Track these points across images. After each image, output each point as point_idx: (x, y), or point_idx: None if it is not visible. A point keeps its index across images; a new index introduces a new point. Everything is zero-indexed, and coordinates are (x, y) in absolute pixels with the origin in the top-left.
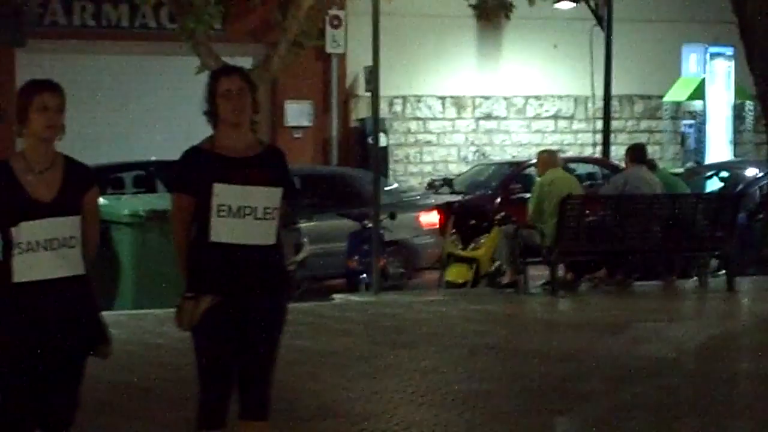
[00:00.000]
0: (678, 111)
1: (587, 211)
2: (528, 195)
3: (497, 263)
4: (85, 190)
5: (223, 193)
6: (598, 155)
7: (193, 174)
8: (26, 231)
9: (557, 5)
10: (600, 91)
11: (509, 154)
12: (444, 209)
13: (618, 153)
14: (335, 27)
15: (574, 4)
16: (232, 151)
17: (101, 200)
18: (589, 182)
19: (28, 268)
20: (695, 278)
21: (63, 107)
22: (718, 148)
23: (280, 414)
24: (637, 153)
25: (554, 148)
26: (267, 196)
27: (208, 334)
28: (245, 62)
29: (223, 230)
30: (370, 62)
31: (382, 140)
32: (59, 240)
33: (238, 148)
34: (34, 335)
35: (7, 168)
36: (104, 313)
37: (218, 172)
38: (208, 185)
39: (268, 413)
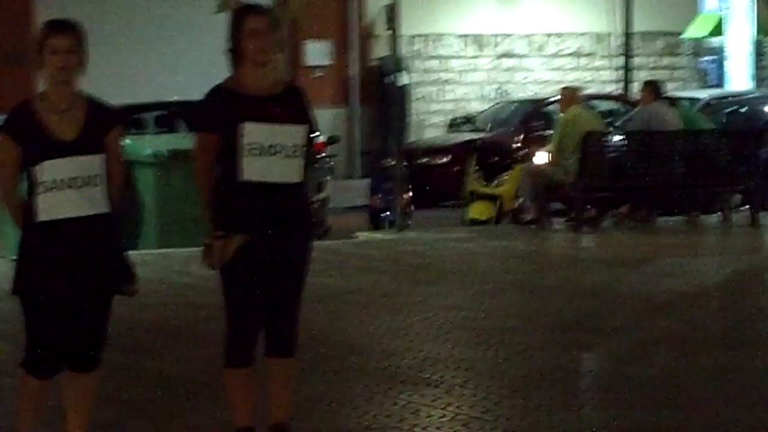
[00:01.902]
0: (698, 47)
1: (609, 148)
2: (550, 132)
3: (520, 200)
4: (108, 129)
5: (253, 132)
6: (619, 92)
7: (217, 113)
8: (49, 170)
9: None
10: (620, 28)
11: (530, 92)
12: (466, 147)
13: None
14: None
15: None
16: (255, 89)
17: (124, 140)
18: (610, 119)
19: (51, 207)
20: (718, 213)
21: (77, 47)
22: (739, 84)
23: (306, 351)
24: (656, 89)
25: (575, 85)
26: (294, 134)
27: (238, 272)
28: (265, 1)
29: (254, 169)
30: (388, 0)
31: (403, 79)
32: (82, 178)
33: (261, 87)
34: (59, 274)
35: (29, 108)
36: (129, 253)
37: (245, 111)
38: (233, 124)
39: (295, 350)
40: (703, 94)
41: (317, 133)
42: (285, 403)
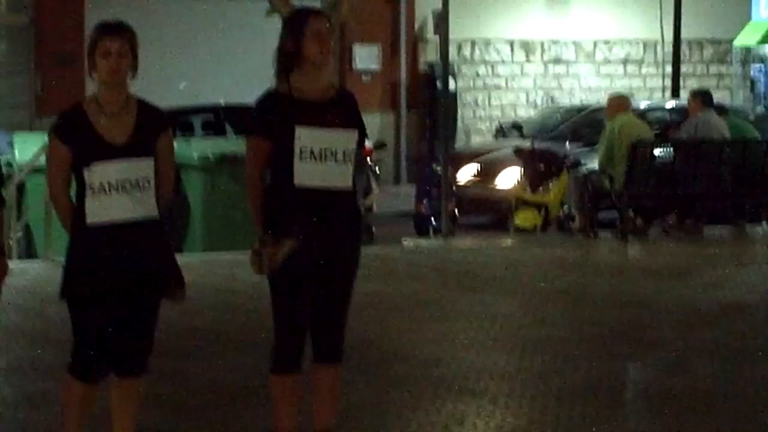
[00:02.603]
0: (748, 56)
1: (657, 156)
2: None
3: (566, 208)
4: (158, 132)
5: (306, 137)
6: (668, 100)
7: (271, 117)
8: (99, 172)
9: None
10: (669, 36)
11: (578, 99)
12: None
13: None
14: None
15: None
16: (309, 94)
17: None
18: (658, 127)
19: (100, 209)
20: (765, 223)
21: (128, 50)
22: None
23: (351, 358)
24: (705, 98)
25: (623, 92)
26: (345, 139)
27: (287, 278)
28: (314, 5)
29: (307, 174)
30: (438, 5)
31: (451, 85)
32: (132, 182)
33: (315, 92)
34: (108, 278)
35: (80, 111)
36: (176, 257)
37: (298, 116)
38: (287, 129)
39: (342, 356)
40: None
41: (367, 139)
42: (331, 410)
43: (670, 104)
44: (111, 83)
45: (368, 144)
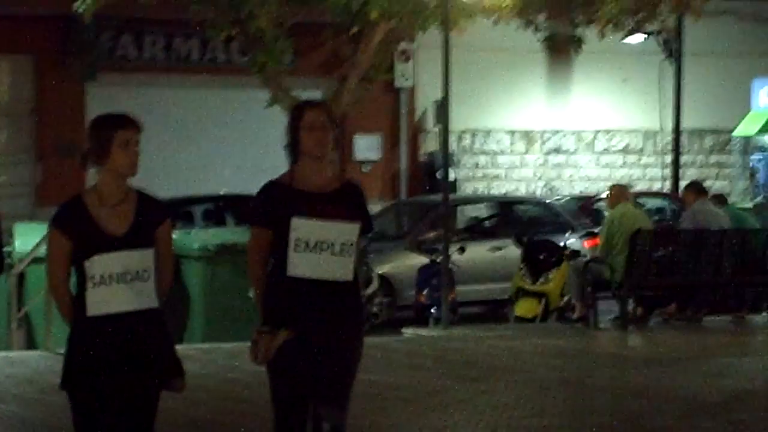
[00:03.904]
0: (748, 145)
1: (657, 246)
2: (597, 229)
3: (567, 297)
4: (157, 223)
5: (302, 228)
6: (667, 190)
7: (271, 208)
8: (99, 264)
9: (627, 39)
10: (669, 125)
11: (578, 189)
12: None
13: None
14: (404, 61)
15: (644, 38)
16: (310, 185)
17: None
18: (657, 217)
19: (101, 301)
20: (766, 313)
21: (138, 142)
22: None
23: None
24: (696, 189)
25: (623, 182)
26: (345, 232)
27: (284, 368)
28: (315, 96)
29: (300, 265)
30: (438, 96)
31: (451, 174)
32: (132, 273)
33: (317, 183)
34: (109, 370)
35: (80, 203)
36: (175, 348)
37: (297, 207)
38: (286, 219)
39: None
40: None
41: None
42: None
43: None
44: (129, 174)
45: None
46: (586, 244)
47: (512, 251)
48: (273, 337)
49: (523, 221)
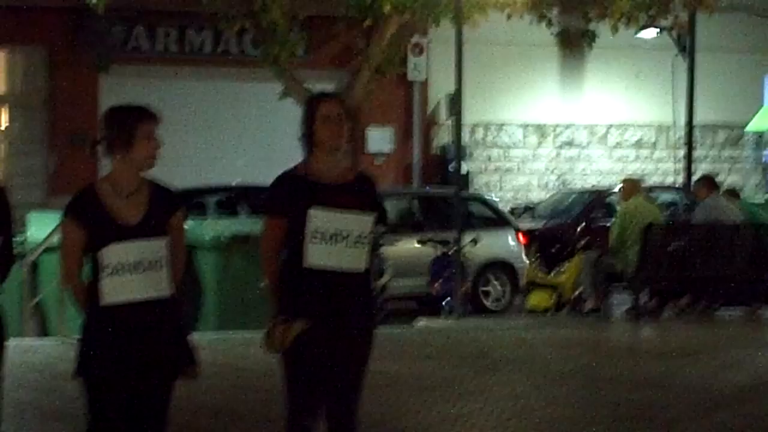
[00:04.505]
0: (760, 140)
1: (670, 239)
2: (610, 222)
3: (580, 289)
4: (171, 213)
5: (319, 218)
6: (679, 184)
7: (286, 199)
8: (113, 253)
9: (640, 34)
10: (682, 120)
11: (590, 182)
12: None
13: None
14: (417, 54)
15: (657, 33)
16: (326, 176)
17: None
18: (670, 210)
19: (115, 290)
20: None
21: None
22: None
23: None
24: (710, 182)
25: (636, 176)
26: (360, 223)
27: (299, 358)
28: (328, 88)
29: (317, 255)
30: (451, 89)
31: (463, 167)
32: (146, 262)
33: (332, 174)
34: (123, 358)
35: (93, 192)
36: (190, 335)
37: (313, 198)
38: (302, 210)
39: None
40: None
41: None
42: None
43: None
44: (148, 167)
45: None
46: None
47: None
48: (288, 327)
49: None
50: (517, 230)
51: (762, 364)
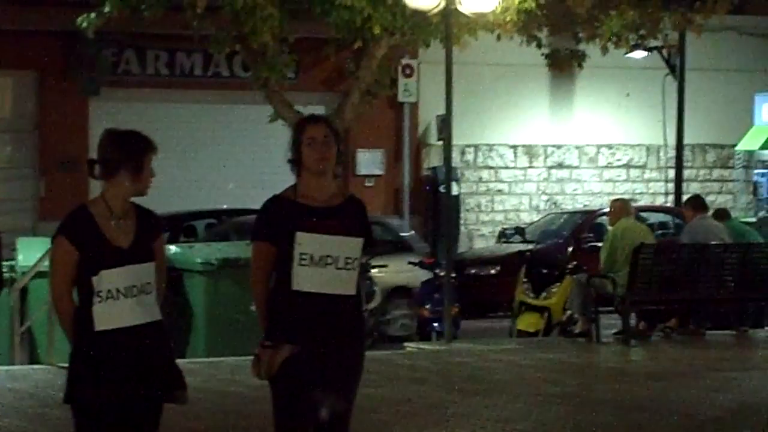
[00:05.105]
0: (750, 160)
1: (660, 261)
2: (600, 244)
3: (569, 312)
4: (156, 236)
5: (306, 242)
6: (669, 204)
7: (274, 223)
8: (107, 279)
9: (630, 54)
10: (672, 140)
11: (581, 203)
12: (515, 258)
13: None
14: (407, 76)
15: (647, 54)
16: (314, 200)
17: (174, 248)
18: (660, 231)
19: (109, 316)
20: None
21: None
22: None
23: None
24: (697, 203)
25: (626, 197)
26: (349, 247)
27: (287, 383)
28: (318, 111)
29: (304, 279)
30: (441, 111)
31: (454, 189)
32: (137, 287)
33: (320, 198)
34: (115, 383)
35: (88, 213)
36: (177, 361)
37: (300, 221)
38: (289, 234)
39: None
40: None
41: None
42: None
43: None
44: (145, 194)
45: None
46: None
47: None
48: (276, 352)
49: None
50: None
51: (751, 385)
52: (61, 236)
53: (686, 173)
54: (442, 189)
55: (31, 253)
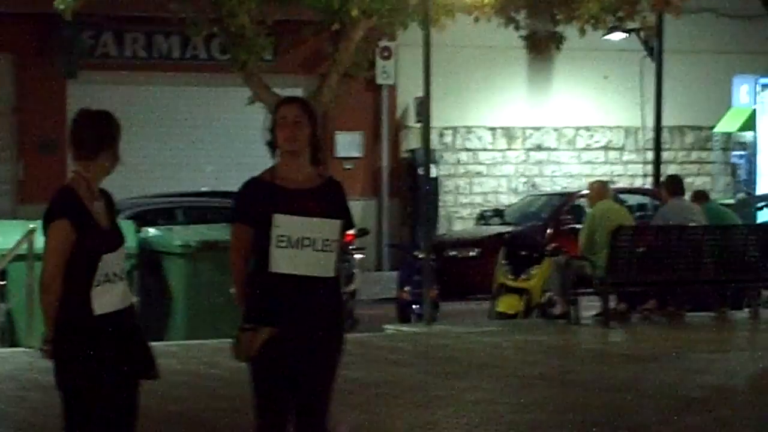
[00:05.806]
0: (729, 142)
1: (638, 242)
2: (579, 226)
3: (548, 294)
4: (115, 218)
5: (284, 224)
6: (648, 186)
7: (251, 205)
8: (106, 262)
9: (607, 36)
10: (650, 122)
11: (559, 185)
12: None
13: None
14: (385, 58)
15: (625, 36)
16: (291, 182)
17: (153, 231)
18: (639, 213)
19: (106, 299)
20: (747, 309)
21: None
22: None
23: None
24: (675, 185)
25: (604, 179)
26: (326, 228)
27: (266, 365)
28: (296, 93)
29: (282, 261)
30: (420, 93)
31: (433, 171)
32: (119, 270)
33: (297, 180)
34: (106, 367)
35: (75, 195)
36: (157, 344)
37: (278, 203)
38: (267, 216)
39: None
40: None
41: (354, 228)
42: None
43: None
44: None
45: (351, 231)
46: None
47: None
48: (255, 334)
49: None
50: None
51: (731, 367)
52: (61, 219)
53: (664, 155)
54: (420, 171)
55: (9, 236)
